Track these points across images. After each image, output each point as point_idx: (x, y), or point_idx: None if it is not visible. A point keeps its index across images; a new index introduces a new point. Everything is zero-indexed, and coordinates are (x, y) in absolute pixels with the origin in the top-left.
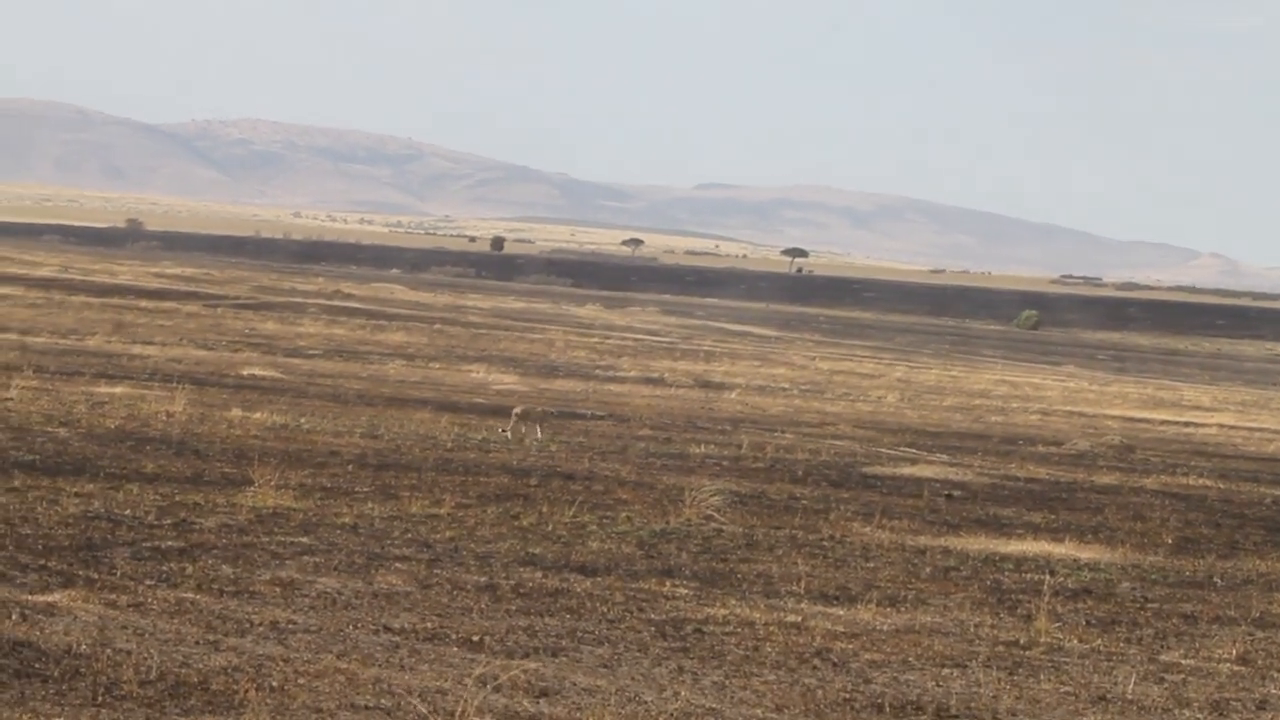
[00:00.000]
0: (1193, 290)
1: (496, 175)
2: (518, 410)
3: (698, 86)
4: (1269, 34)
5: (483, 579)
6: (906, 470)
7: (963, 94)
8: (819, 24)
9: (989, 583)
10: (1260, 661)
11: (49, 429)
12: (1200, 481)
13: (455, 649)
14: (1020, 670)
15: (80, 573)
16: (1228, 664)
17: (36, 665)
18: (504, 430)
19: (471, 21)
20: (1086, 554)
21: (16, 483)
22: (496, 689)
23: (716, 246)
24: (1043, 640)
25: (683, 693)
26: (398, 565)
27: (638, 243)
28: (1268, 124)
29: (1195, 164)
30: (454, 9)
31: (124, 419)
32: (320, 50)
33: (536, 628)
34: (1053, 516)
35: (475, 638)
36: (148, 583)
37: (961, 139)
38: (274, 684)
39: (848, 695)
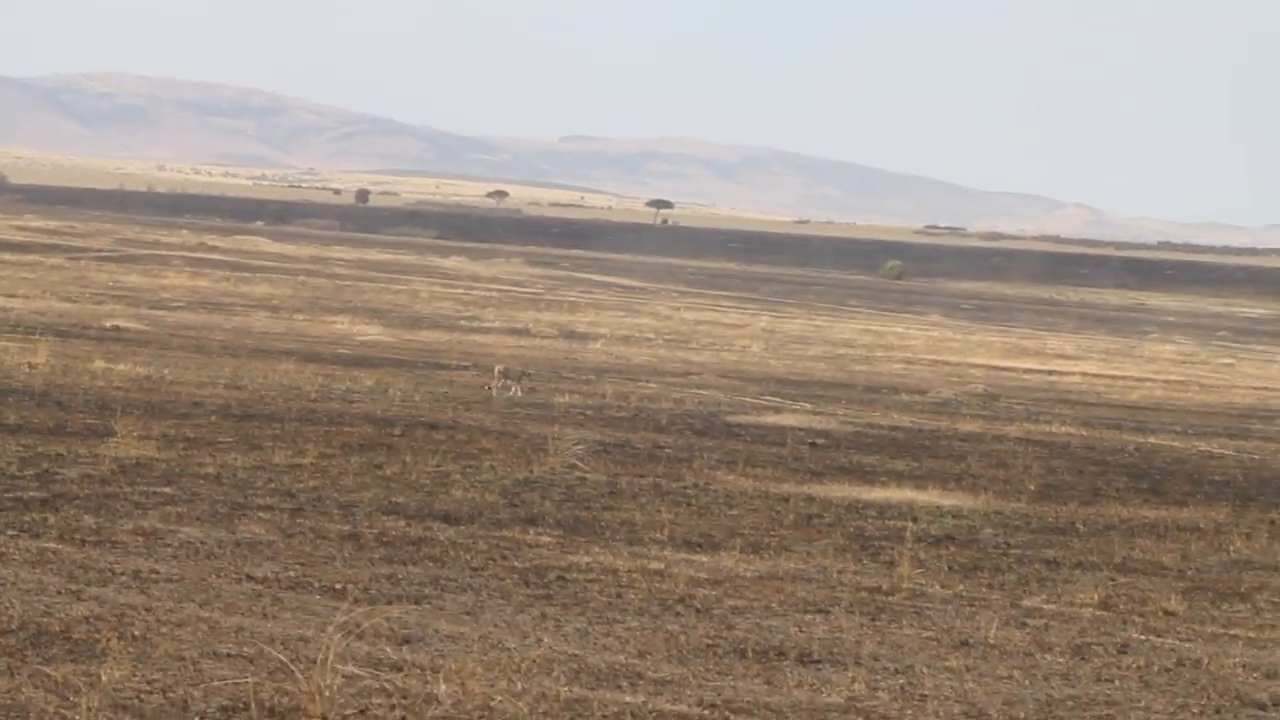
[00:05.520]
0: (1058, 240)
1: (362, 128)
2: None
3: (563, 38)
4: None
5: (346, 528)
6: (770, 419)
7: (827, 45)
8: None
9: (852, 530)
10: (1122, 606)
11: None
12: (1063, 429)
13: (318, 597)
14: (883, 616)
15: None
16: (1089, 609)
17: None
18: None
19: None
20: (949, 501)
21: None
22: (359, 636)
23: (582, 199)
24: (905, 586)
25: (545, 639)
26: (261, 515)
27: (502, 195)
28: (1134, 76)
29: (1060, 115)
30: None
31: None
32: (186, 2)
33: (400, 576)
34: (916, 464)
35: (338, 586)
36: (9, 533)
37: (827, 90)
38: (136, 633)
39: (710, 641)
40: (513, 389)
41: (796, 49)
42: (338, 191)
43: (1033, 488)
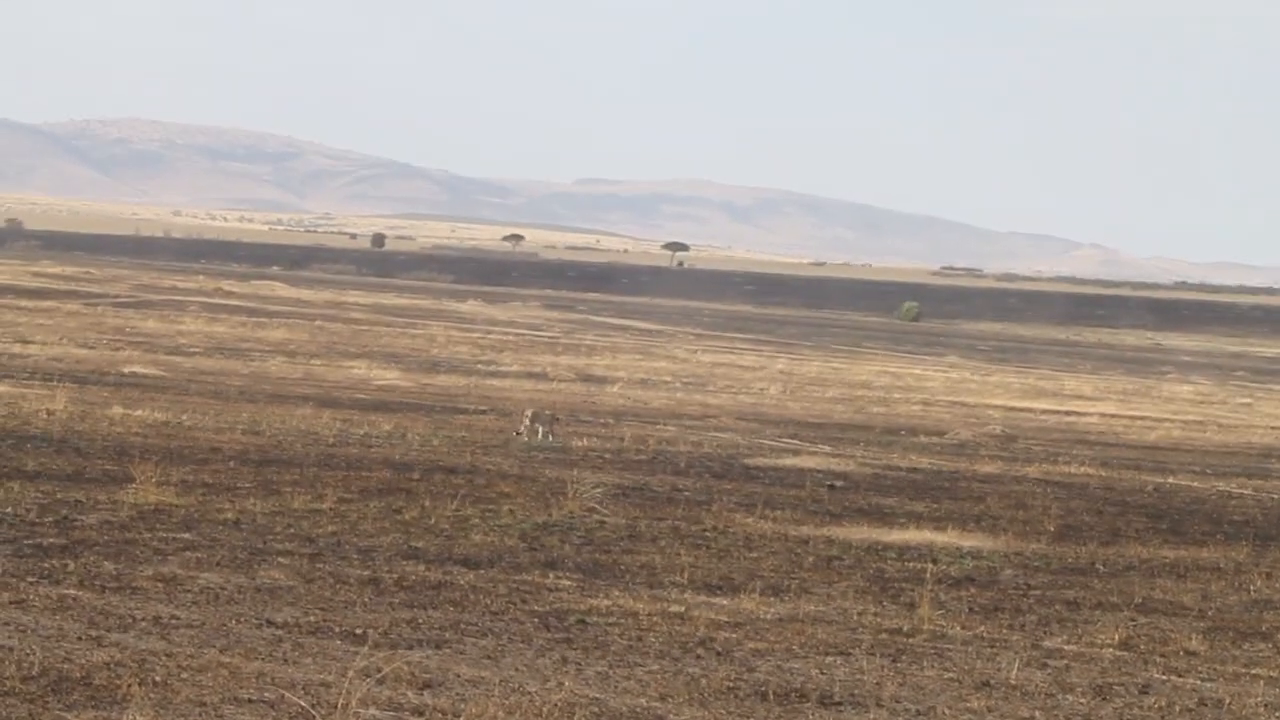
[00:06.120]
0: (1073, 280)
1: (377, 172)
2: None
3: (576, 81)
4: (1138, 23)
5: (365, 573)
6: (789, 461)
7: (839, 86)
8: (693, 22)
9: (872, 571)
10: (1143, 646)
11: None
12: (1082, 470)
13: (338, 642)
14: (904, 657)
15: None
16: (1110, 649)
17: None
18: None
19: (350, 17)
20: (969, 542)
21: None
22: (380, 681)
23: (597, 241)
24: (926, 628)
25: (566, 683)
26: (280, 560)
27: (518, 239)
28: (1148, 116)
29: (1074, 155)
30: (332, 6)
31: (4, 417)
32: (200, 48)
33: (420, 620)
34: (935, 505)
35: (358, 631)
36: (29, 580)
37: (840, 131)
38: (157, 679)
39: (731, 684)
40: (542, 433)
41: (809, 90)
42: (354, 236)
43: (1052, 528)
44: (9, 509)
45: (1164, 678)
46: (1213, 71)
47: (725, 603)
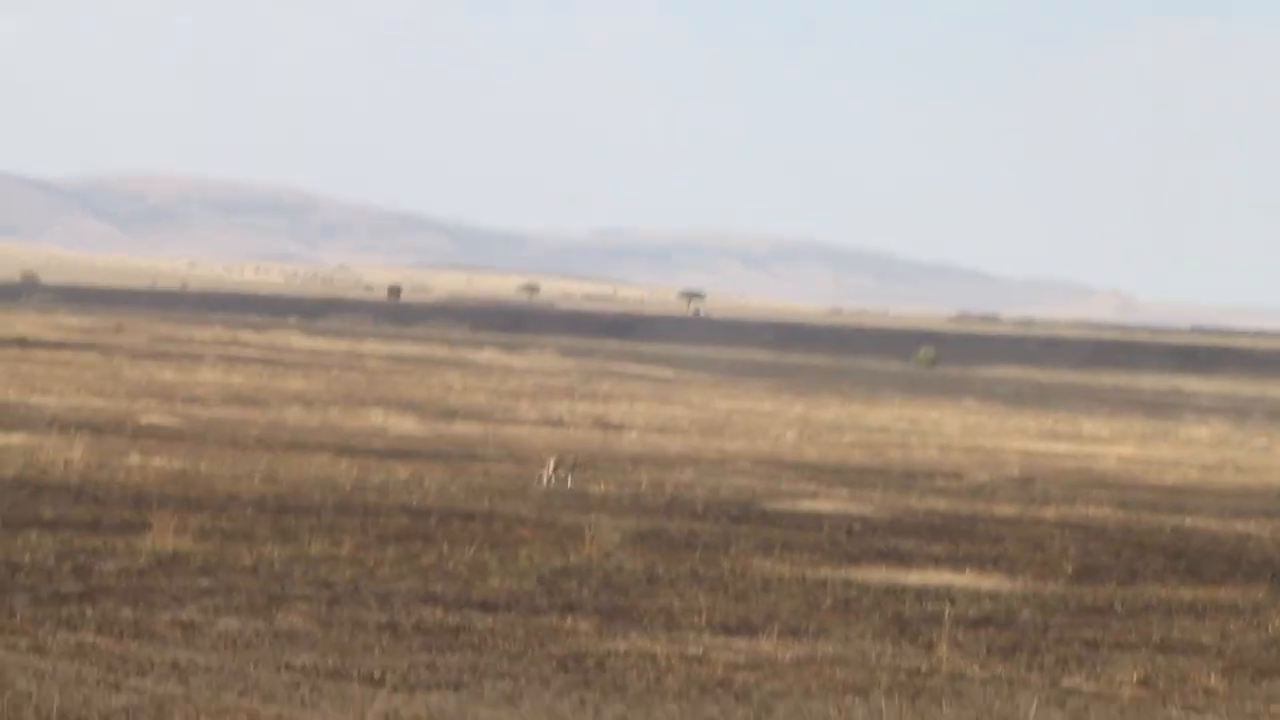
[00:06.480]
0: (1090, 326)
1: (393, 224)
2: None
3: (591, 130)
4: (1164, 63)
5: (383, 617)
6: (807, 505)
7: (853, 135)
8: (706, 69)
9: (890, 613)
10: (1161, 685)
11: None
12: (1099, 511)
13: (357, 686)
14: (922, 697)
15: None
16: (1129, 688)
17: None
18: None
19: (368, 72)
20: (987, 583)
21: None
22: None
23: (614, 291)
24: (944, 668)
25: None
26: (298, 605)
27: (534, 289)
28: (1161, 160)
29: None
30: (349, 60)
31: (22, 467)
32: (215, 103)
33: (438, 664)
34: (953, 547)
35: (376, 674)
36: (48, 626)
37: (854, 179)
38: None
39: None
40: (568, 479)
41: (823, 139)
42: (369, 288)
43: (1070, 569)
44: (28, 557)
45: (1183, 716)
46: (1226, 117)
47: (743, 644)
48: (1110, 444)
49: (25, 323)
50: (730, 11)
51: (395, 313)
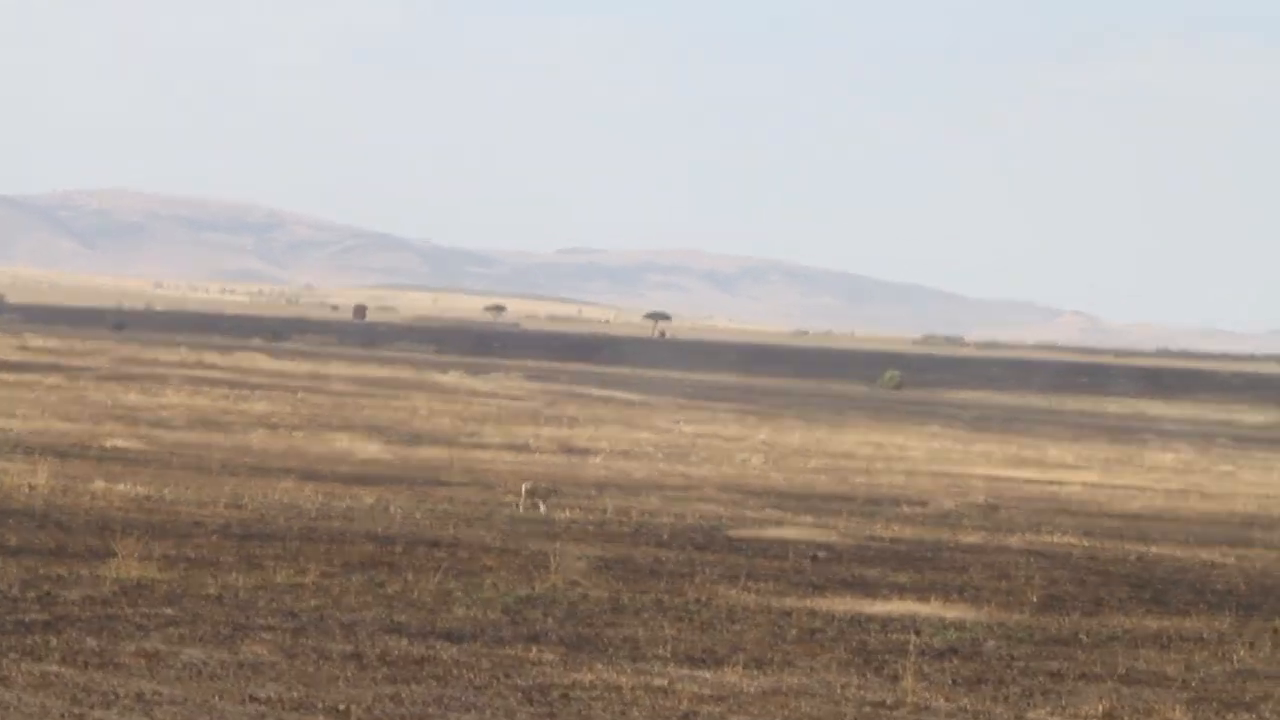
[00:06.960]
0: (1055, 348)
1: (360, 243)
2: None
3: (559, 150)
4: (1118, 88)
5: (348, 647)
6: (772, 533)
7: (822, 155)
8: (676, 89)
9: (855, 643)
10: (1126, 717)
11: None
12: (1065, 539)
13: (321, 718)
14: None
15: None
16: None
17: None
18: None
19: (335, 90)
20: (952, 613)
21: None
22: None
23: (580, 311)
24: (909, 700)
25: None
26: (263, 635)
27: (500, 309)
28: (1130, 182)
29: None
30: (316, 77)
31: None
32: (182, 119)
33: (403, 695)
34: (918, 576)
35: (341, 706)
36: (11, 656)
37: (823, 200)
38: None
39: None
40: (540, 506)
41: (792, 160)
42: (335, 308)
43: (1035, 599)
44: None
45: None
46: (1191, 138)
47: (708, 676)
48: (1075, 470)
49: None
50: (699, 32)
51: (361, 333)
